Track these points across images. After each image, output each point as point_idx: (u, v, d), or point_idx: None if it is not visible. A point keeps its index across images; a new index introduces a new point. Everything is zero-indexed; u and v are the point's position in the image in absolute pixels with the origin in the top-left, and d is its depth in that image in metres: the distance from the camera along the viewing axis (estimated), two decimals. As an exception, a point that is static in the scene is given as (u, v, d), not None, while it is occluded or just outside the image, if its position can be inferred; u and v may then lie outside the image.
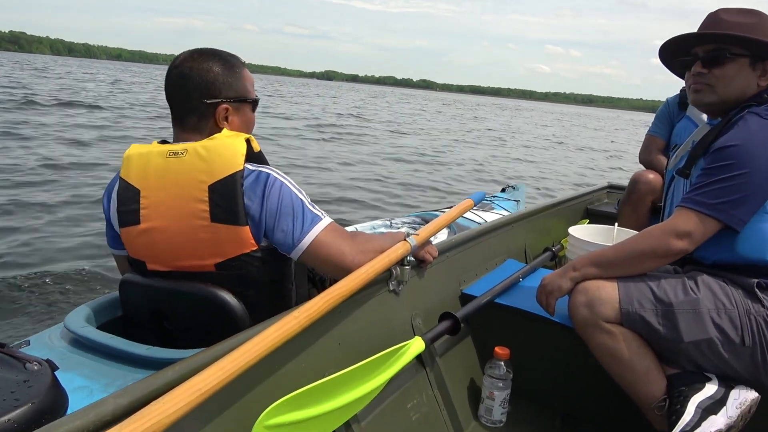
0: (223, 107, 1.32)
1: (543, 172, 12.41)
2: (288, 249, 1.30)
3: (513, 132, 24.55)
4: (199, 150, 1.23)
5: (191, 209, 1.23)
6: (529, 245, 2.59)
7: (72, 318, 1.31)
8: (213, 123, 1.32)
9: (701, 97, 1.53)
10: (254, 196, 1.24)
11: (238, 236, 1.24)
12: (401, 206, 7.06)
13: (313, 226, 1.30)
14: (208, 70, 1.30)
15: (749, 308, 1.39)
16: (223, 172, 1.22)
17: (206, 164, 1.22)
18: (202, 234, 1.23)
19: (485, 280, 2.02)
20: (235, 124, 1.35)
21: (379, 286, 1.54)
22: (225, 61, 1.34)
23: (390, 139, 15.50)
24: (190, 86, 1.29)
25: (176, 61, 1.33)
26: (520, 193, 4.30)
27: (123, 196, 1.30)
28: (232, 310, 1.26)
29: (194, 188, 1.22)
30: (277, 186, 1.27)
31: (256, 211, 1.24)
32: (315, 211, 1.32)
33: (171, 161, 1.25)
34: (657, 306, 1.42)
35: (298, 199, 1.30)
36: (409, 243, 1.53)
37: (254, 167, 1.29)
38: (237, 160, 1.23)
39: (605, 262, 1.49)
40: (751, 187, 1.35)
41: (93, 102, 17.40)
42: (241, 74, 1.36)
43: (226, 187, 1.21)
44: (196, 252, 1.26)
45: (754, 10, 1.51)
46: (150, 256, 1.31)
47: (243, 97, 1.36)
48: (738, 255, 1.43)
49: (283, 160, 9.48)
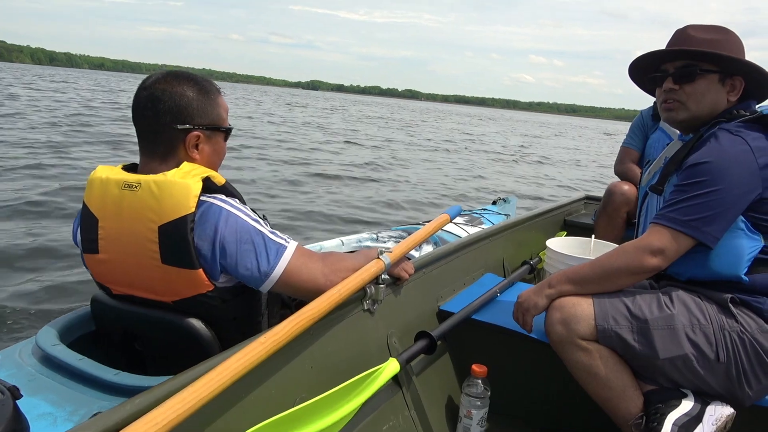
0: (195, 134, 1.25)
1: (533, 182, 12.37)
2: (256, 284, 1.25)
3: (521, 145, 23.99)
4: (152, 186, 1.17)
5: (143, 248, 1.18)
6: (508, 258, 2.58)
7: (43, 335, 1.28)
8: (182, 151, 1.26)
9: (674, 114, 1.54)
10: (205, 236, 1.18)
11: (191, 279, 1.19)
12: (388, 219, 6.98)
13: (280, 256, 1.24)
14: (182, 94, 1.24)
15: (723, 324, 1.39)
16: (172, 214, 1.15)
17: (157, 203, 1.16)
18: (155, 273, 1.19)
19: (463, 296, 2.00)
20: (206, 153, 1.29)
21: (353, 306, 1.52)
22: (200, 86, 1.28)
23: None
24: (161, 109, 1.22)
25: (147, 82, 1.27)
26: (511, 206, 4.25)
27: (85, 222, 1.26)
28: (201, 338, 1.22)
29: (145, 227, 1.17)
30: (231, 220, 1.20)
31: (208, 251, 1.18)
32: (278, 240, 1.26)
33: (126, 194, 1.19)
34: (632, 323, 1.42)
35: (257, 231, 1.23)
36: (383, 261, 1.51)
37: (207, 199, 1.22)
38: (188, 202, 1.16)
39: (581, 279, 1.49)
40: (723, 204, 1.35)
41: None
42: (216, 101, 1.30)
43: (176, 230, 1.16)
44: (152, 288, 1.23)
45: (721, 27, 1.52)
46: (112, 283, 1.28)
47: (216, 125, 1.30)
48: (712, 271, 1.43)
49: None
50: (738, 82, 1.49)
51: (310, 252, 1.34)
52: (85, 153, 9.89)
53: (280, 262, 1.24)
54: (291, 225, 6.12)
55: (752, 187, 1.36)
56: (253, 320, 1.34)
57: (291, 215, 6.65)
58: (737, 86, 1.50)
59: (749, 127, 1.42)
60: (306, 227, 6.08)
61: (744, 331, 1.38)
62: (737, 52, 1.48)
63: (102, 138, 12.03)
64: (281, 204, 7.28)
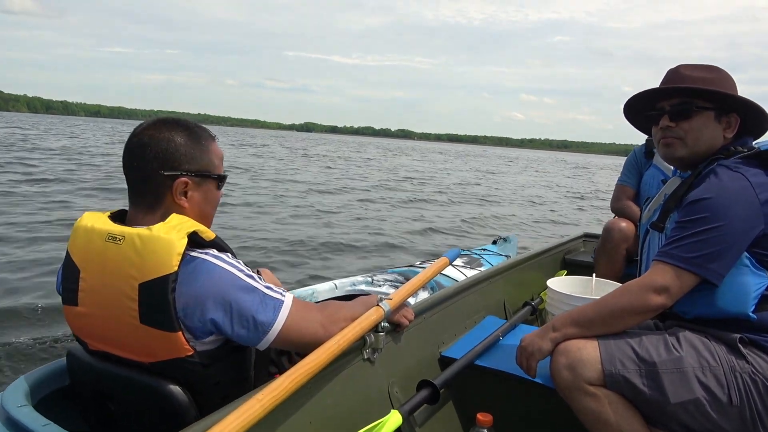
0: (182, 181, 1.21)
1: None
2: (254, 342, 1.20)
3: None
4: (135, 240, 1.12)
5: (122, 305, 1.13)
6: (509, 300, 2.54)
7: (11, 393, 1.21)
8: (169, 198, 1.21)
9: (672, 151, 1.54)
10: (194, 295, 1.12)
11: (169, 341, 1.13)
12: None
13: (278, 311, 1.19)
14: (170, 139, 1.21)
15: (734, 365, 1.36)
16: (154, 272, 1.10)
17: (139, 259, 1.11)
18: (132, 332, 1.14)
19: (465, 341, 1.96)
20: (196, 201, 1.24)
21: (353, 356, 1.47)
22: (191, 131, 1.25)
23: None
24: (148, 155, 1.19)
25: (138, 129, 1.25)
26: (511, 246, 4.20)
27: (66, 272, 1.22)
28: (178, 404, 1.15)
29: (125, 283, 1.12)
30: (224, 277, 1.15)
31: (197, 310, 1.13)
32: (274, 294, 1.21)
33: (109, 246, 1.14)
34: (640, 366, 1.38)
35: (252, 287, 1.18)
36: (382, 308, 1.47)
37: (197, 254, 1.16)
38: (170, 261, 1.10)
39: (585, 321, 1.45)
40: (726, 240, 1.34)
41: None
42: (207, 147, 1.27)
43: (156, 290, 1.10)
44: (129, 347, 1.17)
45: (712, 66, 1.54)
46: (90, 338, 1.23)
47: (206, 171, 1.26)
48: (719, 309, 1.40)
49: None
50: (734, 119, 1.50)
51: (307, 304, 1.30)
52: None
53: (278, 317, 1.19)
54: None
55: (755, 223, 1.35)
56: (239, 384, 1.27)
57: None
58: (733, 123, 1.51)
59: (748, 163, 1.42)
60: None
61: (756, 372, 1.34)
62: (730, 89, 1.50)
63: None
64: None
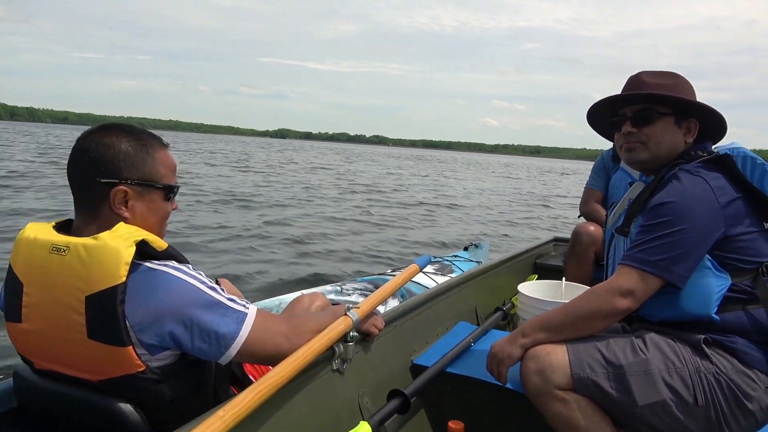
0: (120, 189, 1.14)
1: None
2: (215, 356, 1.15)
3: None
4: (80, 251, 1.06)
5: (68, 320, 1.07)
6: (480, 305, 2.54)
7: None
8: (107, 208, 1.15)
9: (635, 155, 1.56)
10: (149, 308, 1.08)
11: (119, 357, 1.07)
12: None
13: (241, 324, 1.15)
14: (111, 145, 1.14)
15: (699, 366, 1.38)
16: (101, 284, 1.04)
17: (85, 270, 1.05)
18: (80, 349, 1.09)
19: (436, 348, 1.95)
20: (139, 212, 1.17)
21: (321, 367, 1.44)
22: (137, 138, 1.18)
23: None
24: (86, 162, 1.13)
25: (84, 134, 1.18)
26: (483, 252, 4.21)
27: (9, 286, 1.16)
28: (129, 423, 1.11)
29: (71, 296, 1.06)
30: (183, 289, 1.10)
31: (152, 324, 1.08)
32: (236, 306, 1.17)
33: (53, 258, 1.08)
34: (608, 369, 1.39)
35: (213, 300, 1.14)
36: (350, 318, 1.45)
37: (153, 266, 1.11)
38: (117, 271, 1.04)
39: (554, 326, 1.46)
40: (689, 243, 1.36)
41: None
42: (153, 155, 1.20)
43: (104, 302, 1.05)
44: (77, 365, 1.12)
45: (671, 72, 1.57)
46: (36, 356, 1.18)
47: (149, 181, 1.18)
48: (683, 311, 1.42)
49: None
50: (693, 124, 1.53)
51: (271, 315, 1.27)
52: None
53: (241, 330, 1.15)
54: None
55: (715, 226, 1.38)
56: (197, 400, 1.21)
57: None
58: (692, 128, 1.54)
59: (708, 167, 1.45)
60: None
61: (719, 372, 1.37)
62: (689, 95, 1.53)
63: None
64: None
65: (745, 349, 1.39)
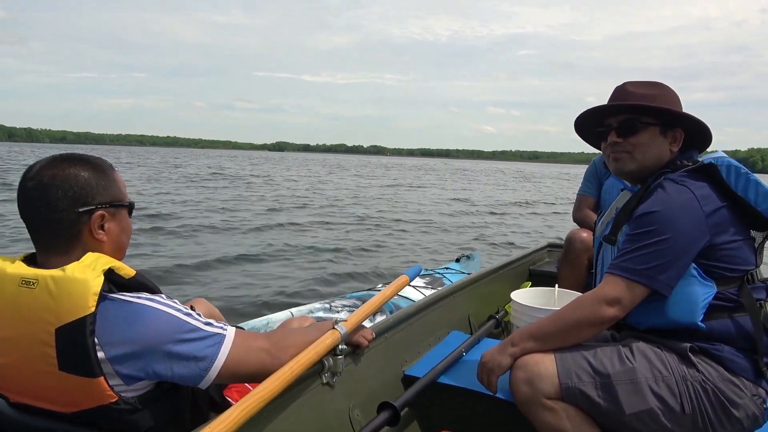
0: (99, 214, 1.16)
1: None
2: (195, 381, 1.16)
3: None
4: (49, 283, 1.06)
5: (39, 353, 1.06)
6: (473, 314, 2.54)
7: None
8: (87, 235, 1.16)
9: (622, 165, 1.57)
10: (123, 338, 1.08)
11: (91, 388, 1.07)
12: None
13: (219, 346, 1.16)
14: (76, 175, 1.15)
15: (685, 374, 1.38)
16: (70, 315, 1.04)
17: (54, 302, 1.05)
18: (52, 382, 1.08)
19: (428, 358, 1.95)
20: (113, 232, 1.20)
21: (311, 381, 1.45)
22: (92, 164, 1.20)
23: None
24: (56, 196, 1.12)
25: (31, 171, 1.15)
26: (475, 263, 4.16)
27: None
28: None
29: (41, 329, 1.05)
30: (157, 318, 1.10)
31: (126, 354, 1.08)
32: (213, 329, 1.17)
33: (23, 291, 1.07)
34: (595, 378, 1.39)
35: (187, 324, 1.14)
36: (338, 331, 1.46)
37: (123, 298, 1.12)
38: (86, 302, 1.04)
39: (542, 335, 1.47)
40: (675, 252, 1.37)
41: None
42: (112, 177, 1.22)
43: (74, 334, 1.04)
44: (50, 398, 1.12)
45: (656, 83, 1.58)
46: (9, 391, 1.17)
47: (119, 201, 1.22)
48: (669, 319, 1.43)
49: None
50: (678, 134, 1.54)
51: (251, 334, 1.27)
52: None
53: (219, 352, 1.15)
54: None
55: (700, 234, 1.38)
56: (174, 428, 1.21)
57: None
58: (678, 137, 1.54)
59: (692, 176, 1.46)
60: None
61: (706, 380, 1.37)
62: (674, 104, 1.53)
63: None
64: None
65: (731, 357, 1.40)
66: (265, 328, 2.62)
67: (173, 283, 5.80)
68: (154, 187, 18.73)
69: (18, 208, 1.17)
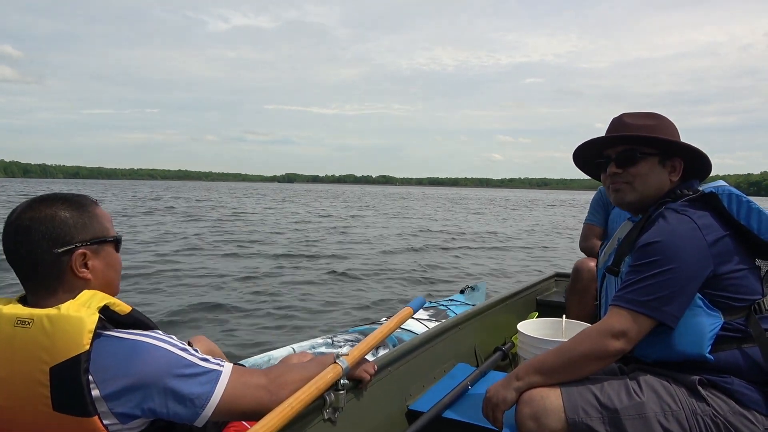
0: (80, 253, 1.15)
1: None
2: (191, 419, 1.14)
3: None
4: (44, 322, 1.06)
5: (34, 393, 1.06)
6: (480, 345, 2.51)
7: None
8: (71, 275, 1.15)
9: (622, 195, 1.56)
10: (118, 376, 1.07)
11: (86, 428, 1.06)
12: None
13: (215, 383, 1.15)
14: (53, 216, 1.14)
15: (695, 408, 1.35)
16: (65, 354, 1.04)
17: (49, 341, 1.05)
18: (46, 422, 1.08)
19: (433, 392, 1.92)
20: (98, 270, 1.19)
21: (312, 417, 1.42)
22: (71, 202, 1.19)
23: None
24: (34, 239, 1.12)
25: (12, 216, 1.16)
26: (480, 294, 4.10)
27: None
28: None
29: (36, 369, 1.05)
30: (153, 355, 1.10)
31: (120, 393, 1.07)
32: (209, 365, 1.17)
33: (18, 331, 1.07)
34: (603, 413, 1.36)
35: (183, 360, 1.13)
36: (340, 365, 1.44)
37: (119, 335, 1.11)
38: (81, 339, 1.04)
39: (548, 369, 1.44)
40: (679, 282, 1.35)
41: None
42: (93, 212, 1.21)
43: (68, 372, 1.04)
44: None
45: (653, 114, 1.58)
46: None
47: (101, 237, 1.20)
48: (677, 351, 1.40)
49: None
50: (677, 163, 1.54)
51: (248, 370, 1.26)
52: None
53: (215, 389, 1.14)
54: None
55: (704, 264, 1.36)
56: None
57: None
58: (677, 167, 1.54)
59: (693, 205, 1.45)
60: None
61: (716, 414, 1.34)
62: (671, 134, 1.53)
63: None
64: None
65: (741, 389, 1.36)
66: (267, 365, 2.59)
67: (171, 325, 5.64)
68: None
69: (4, 253, 1.16)
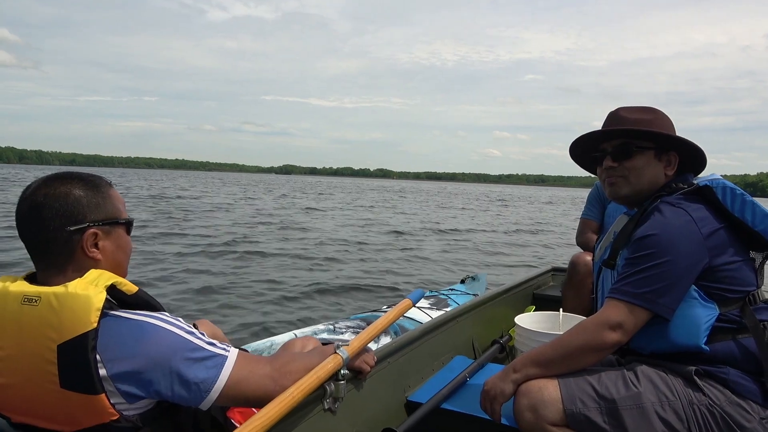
0: (91, 232, 1.16)
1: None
2: (196, 401, 1.15)
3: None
4: (51, 300, 1.06)
5: (41, 370, 1.06)
6: (477, 338, 2.53)
7: None
8: (80, 253, 1.15)
9: (617, 189, 1.58)
10: (125, 355, 1.08)
11: (92, 406, 1.07)
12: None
13: (220, 368, 1.15)
14: (67, 194, 1.15)
15: (692, 398, 1.36)
16: (72, 331, 1.04)
17: (57, 318, 1.05)
18: (54, 399, 1.08)
19: (432, 383, 1.93)
20: (108, 251, 1.19)
21: (312, 406, 1.44)
22: (86, 182, 1.19)
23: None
24: (47, 215, 1.12)
25: (27, 191, 1.16)
26: (481, 284, 4.11)
27: None
28: None
29: (43, 346, 1.06)
30: (160, 336, 1.10)
31: (128, 372, 1.08)
32: (216, 350, 1.17)
33: (25, 309, 1.08)
34: (600, 403, 1.38)
35: (190, 344, 1.14)
36: (340, 356, 1.45)
37: (127, 315, 1.12)
38: (88, 317, 1.05)
39: (545, 361, 1.45)
40: (674, 274, 1.36)
41: None
42: (107, 194, 1.22)
43: (76, 350, 1.04)
44: (52, 416, 1.11)
45: (650, 108, 1.60)
46: (11, 411, 1.16)
47: (113, 218, 1.21)
48: (673, 342, 1.41)
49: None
50: (673, 157, 1.55)
51: (254, 357, 1.27)
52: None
53: (220, 374, 1.15)
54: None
55: (700, 257, 1.38)
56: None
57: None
58: (672, 161, 1.56)
59: (689, 198, 1.46)
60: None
61: (713, 404, 1.35)
62: (667, 128, 1.55)
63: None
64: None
65: (737, 379, 1.38)
66: (269, 351, 2.61)
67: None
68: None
69: (16, 228, 1.17)
